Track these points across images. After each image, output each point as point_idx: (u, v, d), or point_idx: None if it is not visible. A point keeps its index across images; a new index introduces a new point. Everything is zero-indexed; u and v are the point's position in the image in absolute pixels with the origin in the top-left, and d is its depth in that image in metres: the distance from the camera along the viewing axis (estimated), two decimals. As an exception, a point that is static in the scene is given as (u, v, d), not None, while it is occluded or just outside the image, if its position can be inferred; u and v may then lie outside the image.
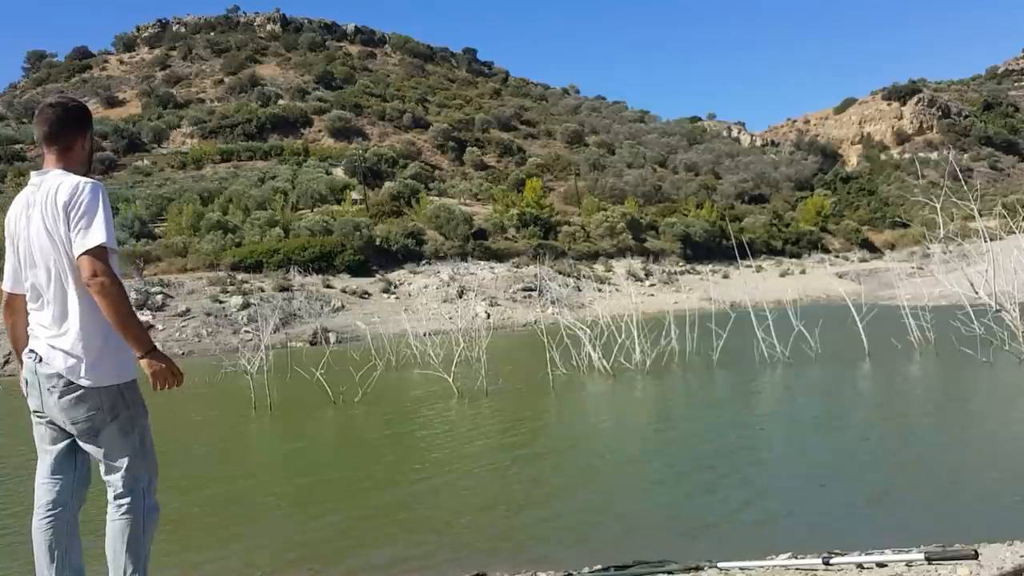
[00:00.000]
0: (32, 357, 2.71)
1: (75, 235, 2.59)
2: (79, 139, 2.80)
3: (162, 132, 52.92)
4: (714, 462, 6.77)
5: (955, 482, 5.70)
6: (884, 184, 64.69)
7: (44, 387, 2.69)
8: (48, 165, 2.75)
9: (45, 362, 2.67)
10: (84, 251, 2.56)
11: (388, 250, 34.45)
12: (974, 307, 12.01)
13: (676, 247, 43.01)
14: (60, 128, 2.75)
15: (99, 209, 2.61)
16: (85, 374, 2.66)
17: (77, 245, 2.58)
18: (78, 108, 2.84)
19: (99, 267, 2.55)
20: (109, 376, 2.70)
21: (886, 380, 11.19)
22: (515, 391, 11.87)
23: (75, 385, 2.66)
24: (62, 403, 2.68)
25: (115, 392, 2.73)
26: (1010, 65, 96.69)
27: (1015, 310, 11.16)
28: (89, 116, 2.89)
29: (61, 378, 2.66)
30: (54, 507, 2.78)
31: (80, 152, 2.80)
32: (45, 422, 2.79)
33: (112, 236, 2.62)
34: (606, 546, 4.68)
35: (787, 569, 3.64)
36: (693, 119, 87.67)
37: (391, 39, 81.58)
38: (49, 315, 2.69)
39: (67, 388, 2.67)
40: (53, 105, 2.78)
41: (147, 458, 2.84)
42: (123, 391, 2.75)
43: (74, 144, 2.78)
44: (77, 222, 2.59)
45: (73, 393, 2.67)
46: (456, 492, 6.26)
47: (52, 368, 2.66)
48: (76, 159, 2.78)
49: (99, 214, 2.60)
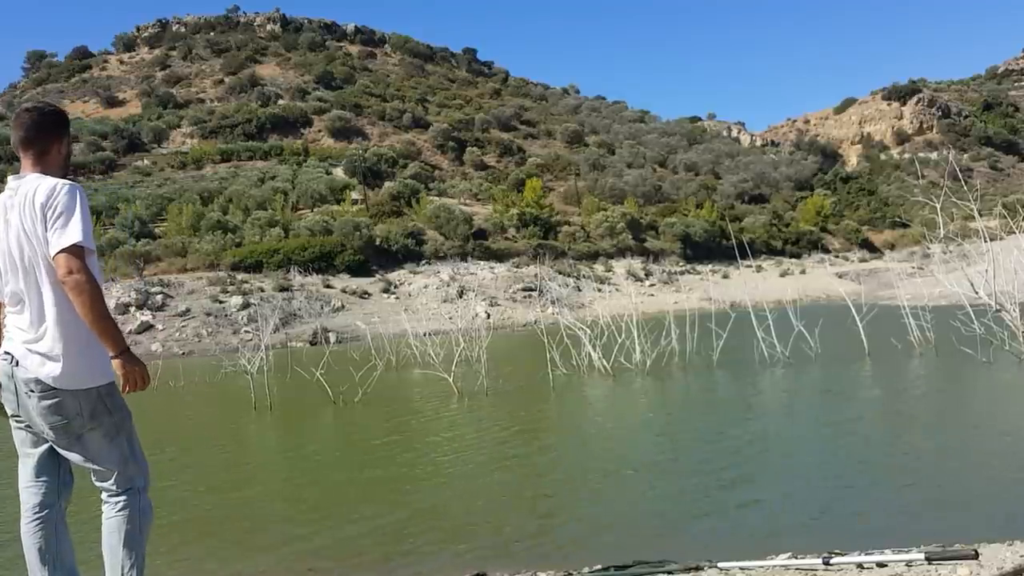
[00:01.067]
0: (8, 360, 2.68)
1: (52, 235, 2.59)
2: (55, 143, 2.81)
3: (162, 132, 52.95)
4: (714, 462, 6.76)
5: (955, 482, 5.70)
6: (884, 184, 64.70)
7: (22, 391, 2.67)
8: (25, 170, 2.76)
9: (22, 366, 2.65)
10: (60, 250, 2.56)
11: (388, 250, 34.46)
12: (974, 307, 12.01)
13: (676, 247, 43.03)
14: (37, 132, 2.76)
15: (76, 209, 2.61)
16: (62, 377, 2.64)
17: (53, 244, 2.58)
18: (54, 113, 2.85)
19: (75, 265, 2.55)
20: (86, 379, 2.68)
21: (886, 380, 11.18)
22: (515, 391, 11.87)
23: (54, 390, 2.64)
24: (40, 407, 2.66)
25: (94, 397, 2.71)
26: (1010, 65, 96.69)
27: (1015, 310, 11.16)
28: (66, 120, 2.90)
29: (39, 382, 2.64)
30: (41, 509, 2.77)
31: (57, 156, 2.81)
32: (24, 426, 2.77)
33: (88, 236, 2.61)
34: (606, 546, 4.68)
35: (787, 569, 3.64)
36: (693, 119, 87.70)
37: (391, 39, 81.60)
38: (27, 318, 2.68)
39: (45, 392, 2.64)
40: (29, 110, 2.80)
41: (137, 459, 2.84)
42: (103, 397, 2.73)
43: (51, 148, 2.79)
44: (54, 222, 2.59)
45: (52, 398, 2.65)
46: (456, 492, 6.26)
47: (29, 372, 2.64)
48: (53, 163, 2.79)
49: (76, 214, 2.60)
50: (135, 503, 2.78)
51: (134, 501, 2.78)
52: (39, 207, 2.61)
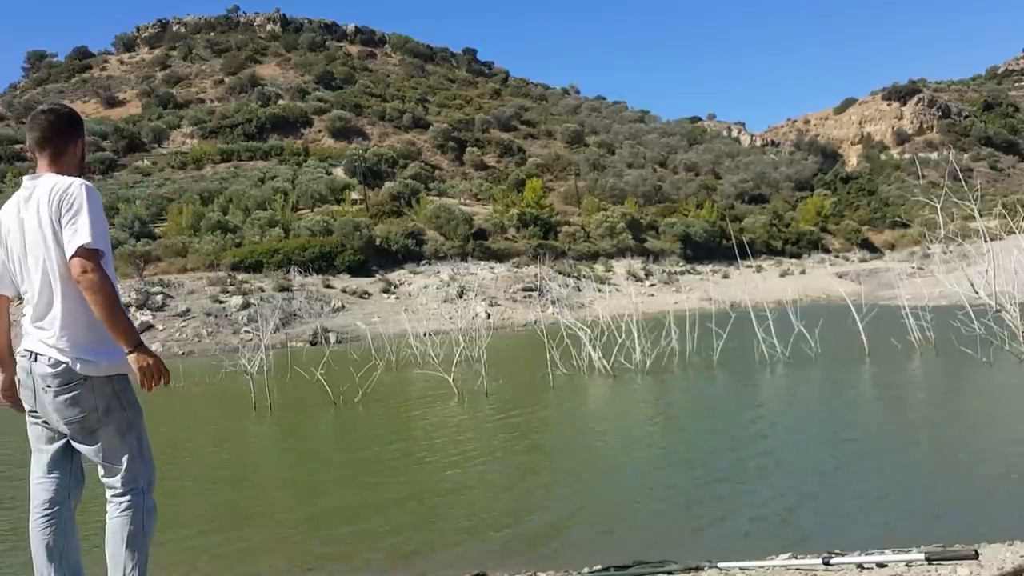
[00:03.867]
0: (27, 356, 2.73)
1: (66, 234, 2.62)
2: (71, 144, 2.85)
3: (162, 132, 52.92)
4: (714, 462, 6.77)
5: (955, 482, 5.70)
6: (884, 184, 64.69)
7: (39, 386, 2.71)
8: (41, 170, 2.80)
9: (39, 361, 2.70)
10: (75, 249, 2.59)
11: (388, 250, 34.45)
12: (974, 307, 12.00)
13: (676, 247, 43.01)
14: (53, 134, 2.80)
15: (91, 209, 2.64)
16: (81, 367, 2.68)
17: (68, 244, 2.61)
18: (70, 114, 2.90)
19: (89, 264, 2.59)
20: (101, 368, 2.72)
21: (886, 380, 11.18)
22: (515, 391, 11.87)
23: (70, 384, 2.68)
24: (56, 402, 2.70)
25: (109, 392, 2.75)
26: (1010, 65, 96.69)
27: (1015, 310, 11.15)
28: (81, 122, 2.94)
29: (56, 377, 2.68)
30: (51, 506, 2.80)
31: (72, 157, 2.85)
32: (40, 422, 2.81)
33: (102, 236, 2.65)
34: (606, 546, 4.68)
35: (787, 569, 3.64)
36: (693, 119, 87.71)
37: (391, 39, 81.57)
38: (41, 314, 2.72)
39: (61, 387, 2.69)
40: (46, 111, 2.85)
41: (145, 458, 2.86)
42: (118, 392, 2.77)
43: (66, 149, 2.83)
44: (69, 221, 2.63)
45: (68, 393, 2.69)
46: (456, 492, 6.26)
47: (46, 366, 2.69)
48: (68, 163, 2.82)
49: (91, 214, 2.63)
50: (139, 503, 2.79)
51: (138, 501, 2.79)
52: (54, 207, 2.65)
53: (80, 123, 2.93)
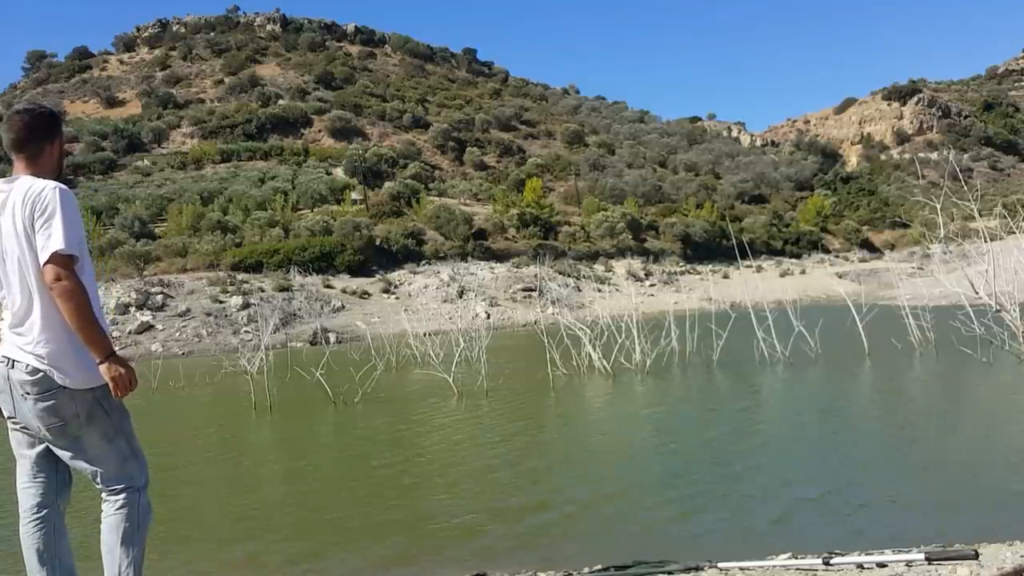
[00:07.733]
0: (4, 362, 2.68)
1: (40, 239, 2.57)
2: (48, 146, 2.77)
3: (162, 132, 52.94)
4: (714, 462, 6.76)
5: (955, 482, 5.69)
6: (884, 184, 64.73)
7: (17, 393, 2.67)
8: (17, 172, 2.73)
9: (17, 368, 2.64)
10: (48, 255, 2.54)
11: (388, 250, 34.47)
12: (974, 307, 11.99)
13: (676, 247, 43.03)
14: (29, 135, 2.73)
15: (65, 213, 2.58)
16: (58, 378, 2.63)
17: (41, 250, 2.56)
18: (47, 115, 2.82)
19: (62, 271, 2.54)
20: (82, 380, 2.67)
21: (886, 380, 11.18)
22: (515, 391, 11.87)
23: (49, 392, 2.63)
24: (36, 409, 2.65)
25: (91, 399, 2.69)
26: (1010, 65, 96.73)
27: (1015, 310, 11.15)
28: (58, 123, 2.87)
29: (35, 384, 2.63)
30: (40, 510, 2.77)
31: (49, 159, 2.78)
32: (20, 427, 2.76)
33: (77, 241, 2.59)
34: (606, 546, 4.68)
35: (787, 569, 3.64)
36: (693, 119, 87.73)
37: (391, 39, 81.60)
38: (20, 320, 2.67)
39: (40, 395, 2.63)
40: (21, 111, 2.78)
41: (137, 458, 2.84)
42: (100, 400, 2.71)
43: (43, 151, 2.76)
44: (42, 226, 2.57)
45: (47, 401, 2.64)
46: (456, 492, 6.26)
47: (23, 374, 2.63)
48: (45, 165, 2.76)
49: (65, 218, 2.57)
50: (135, 501, 2.78)
51: (134, 499, 2.78)
52: (28, 211, 2.59)
53: (58, 123, 2.86)
